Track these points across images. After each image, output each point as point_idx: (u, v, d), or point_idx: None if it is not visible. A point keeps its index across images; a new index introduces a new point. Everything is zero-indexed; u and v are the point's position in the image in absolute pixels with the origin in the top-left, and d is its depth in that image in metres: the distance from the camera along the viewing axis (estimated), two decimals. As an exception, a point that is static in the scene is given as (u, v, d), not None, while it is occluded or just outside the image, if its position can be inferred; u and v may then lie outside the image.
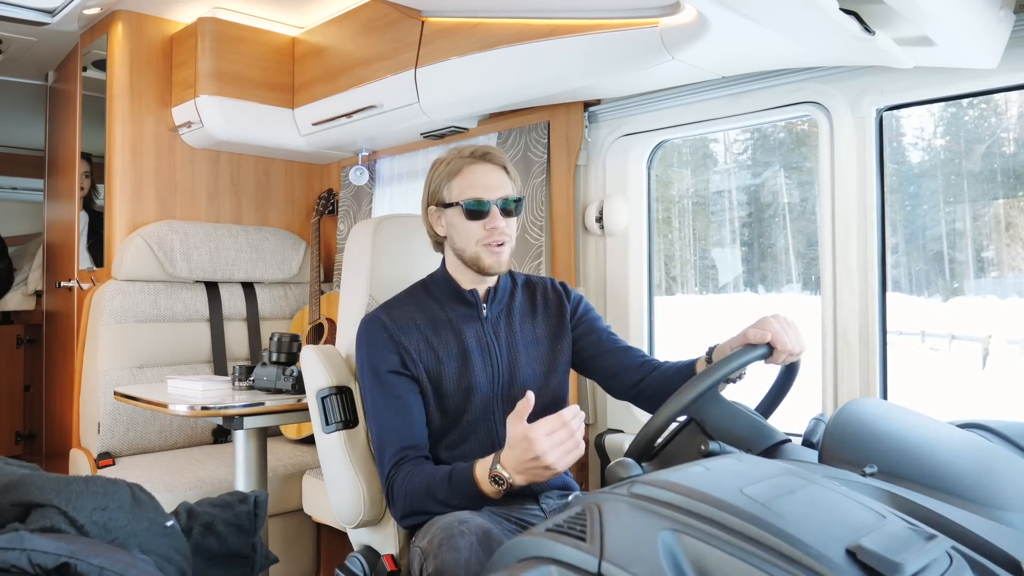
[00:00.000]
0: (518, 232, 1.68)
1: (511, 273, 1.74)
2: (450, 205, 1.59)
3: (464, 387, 1.59)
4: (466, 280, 1.65)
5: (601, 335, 1.74)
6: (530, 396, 1.32)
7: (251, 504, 1.17)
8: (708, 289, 2.72)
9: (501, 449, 1.35)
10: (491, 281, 1.67)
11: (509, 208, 1.58)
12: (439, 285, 1.67)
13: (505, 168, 1.60)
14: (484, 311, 1.65)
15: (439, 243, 1.67)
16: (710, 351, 1.57)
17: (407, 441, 1.54)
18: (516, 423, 1.31)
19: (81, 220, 3.15)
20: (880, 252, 1.82)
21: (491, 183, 1.57)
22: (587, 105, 2.33)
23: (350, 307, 1.81)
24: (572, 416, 1.29)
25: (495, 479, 1.35)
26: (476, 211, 1.56)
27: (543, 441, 1.27)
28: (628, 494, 0.83)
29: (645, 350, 2.02)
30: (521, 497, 1.60)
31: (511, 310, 1.69)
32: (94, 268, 3.01)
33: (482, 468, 1.39)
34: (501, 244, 1.58)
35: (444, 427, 1.61)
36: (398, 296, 1.69)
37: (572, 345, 1.73)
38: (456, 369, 1.60)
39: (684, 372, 1.63)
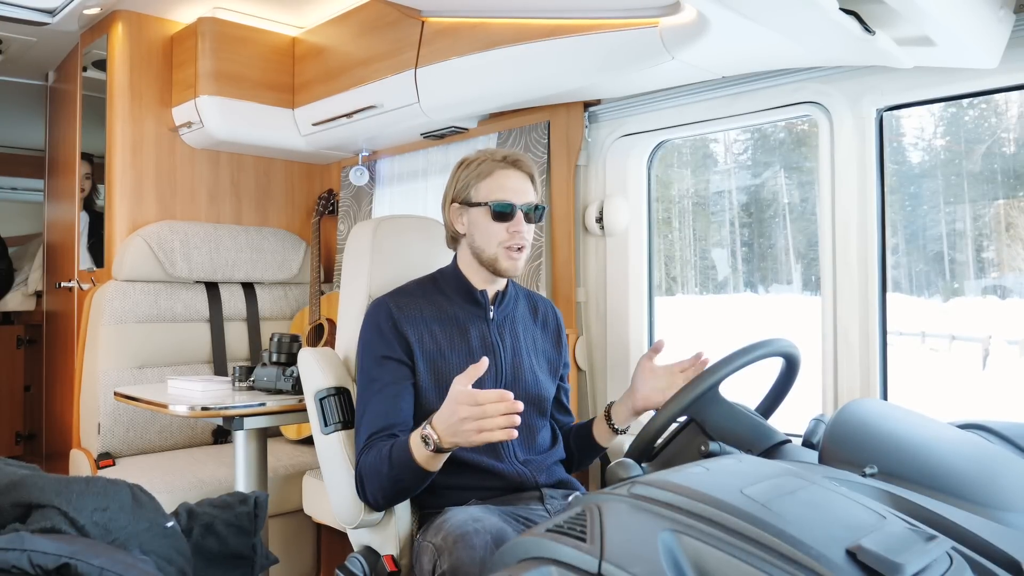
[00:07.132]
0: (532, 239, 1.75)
1: (511, 282, 1.79)
2: (476, 204, 1.63)
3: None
4: (478, 280, 1.69)
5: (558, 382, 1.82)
6: (484, 361, 1.35)
7: (251, 505, 1.17)
8: (708, 289, 2.72)
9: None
10: (500, 284, 1.72)
11: (531, 214, 1.64)
12: (449, 281, 1.70)
13: (532, 177, 1.67)
14: (491, 313, 1.69)
15: (455, 239, 1.71)
16: (608, 408, 1.74)
17: (383, 424, 1.54)
18: (459, 381, 1.34)
19: (81, 220, 3.15)
20: (880, 252, 1.82)
21: (519, 188, 1.63)
22: (587, 105, 2.33)
23: (350, 308, 1.81)
24: (497, 398, 1.30)
25: (424, 439, 1.38)
26: (502, 213, 1.61)
27: (463, 410, 1.31)
28: (628, 495, 0.83)
29: (645, 350, 2.03)
30: (525, 496, 1.61)
31: (515, 316, 1.74)
32: (94, 268, 3.01)
33: (416, 433, 1.42)
34: (520, 248, 1.63)
35: None
36: (407, 285, 1.72)
37: None
38: (461, 367, 1.58)
39: (580, 433, 1.80)
